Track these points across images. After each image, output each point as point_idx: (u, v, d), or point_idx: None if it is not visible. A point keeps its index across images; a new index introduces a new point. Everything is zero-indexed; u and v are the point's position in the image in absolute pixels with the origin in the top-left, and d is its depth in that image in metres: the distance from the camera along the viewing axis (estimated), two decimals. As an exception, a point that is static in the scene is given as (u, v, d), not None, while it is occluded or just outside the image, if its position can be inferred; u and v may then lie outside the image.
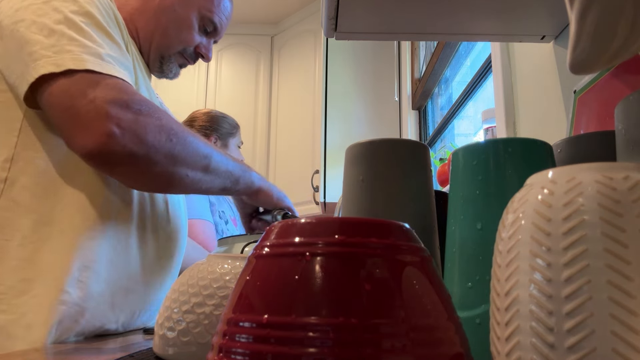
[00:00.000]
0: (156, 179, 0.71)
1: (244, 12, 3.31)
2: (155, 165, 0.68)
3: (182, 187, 0.74)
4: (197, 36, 0.94)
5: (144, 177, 0.70)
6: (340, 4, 0.79)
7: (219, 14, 0.95)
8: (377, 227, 0.26)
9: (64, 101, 0.64)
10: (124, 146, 0.64)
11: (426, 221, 0.50)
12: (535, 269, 0.24)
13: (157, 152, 0.67)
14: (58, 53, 0.65)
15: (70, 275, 0.70)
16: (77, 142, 0.64)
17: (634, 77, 0.66)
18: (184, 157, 0.71)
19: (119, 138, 0.63)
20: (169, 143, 0.68)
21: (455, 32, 0.90)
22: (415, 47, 2.45)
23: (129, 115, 0.65)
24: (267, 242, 0.27)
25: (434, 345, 0.24)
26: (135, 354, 0.49)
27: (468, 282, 0.38)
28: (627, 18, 0.32)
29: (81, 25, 0.69)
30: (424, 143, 0.66)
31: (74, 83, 0.64)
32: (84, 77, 0.65)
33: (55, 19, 0.67)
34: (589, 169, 0.25)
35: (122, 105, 0.64)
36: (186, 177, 0.72)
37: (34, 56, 0.65)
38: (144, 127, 0.66)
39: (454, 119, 1.86)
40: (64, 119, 0.65)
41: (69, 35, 0.67)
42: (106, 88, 0.65)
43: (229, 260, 0.45)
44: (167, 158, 0.68)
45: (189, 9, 0.91)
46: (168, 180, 0.71)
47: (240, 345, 0.24)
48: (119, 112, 0.64)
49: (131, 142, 0.64)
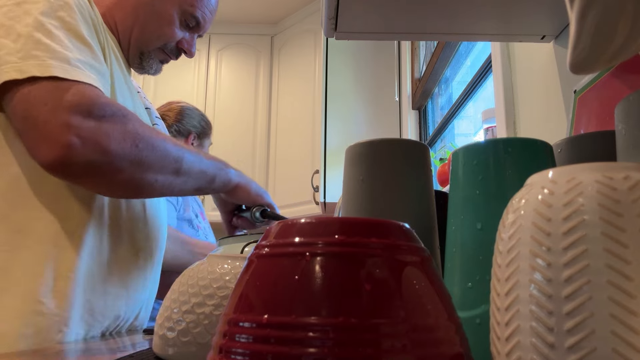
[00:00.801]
0: (124, 186, 0.69)
1: (244, 12, 3.31)
2: (122, 172, 0.66)
3: (153, 191, 0.73)
4: (179, 31, 0.90)
5: (112, 185, 0.69)
6: (340, 4, 0.79)
7: (202, 8, 0.91)
8: (377, 227, 0.26)
9: (25, 109, 0.62)
10: (85, 156, 0.62)
11: (426, 221, 0.50)
12: (536, 269, 0.24)
13: (122, 159, 0.65)
14: (23, 59, 0.63)
15: (45, 285, 0.68)
16: (37, 154, 0.62)
17: (634, 77, 0.66)
18: (152, 162, 0.69)
19: (79, 148, 0.61)
20: (134, 149, 0.66)
21: (455, 32, 0.90)
22: (415, 47, 2.45)
23: (91, 123, 0.63)
24: (267, 242, 0.27)
25: (434, 345, 0.24)
26: (135, 354, 0.49)
27: (468, 282, 0.38)
28: (627, 18, 0.32)
29: (50, 28, 0.66)
30: (424, 143, 0.66)
31: (36, 90, 0.62)
32: (48, 85, 0.63)
33: (24, 22, 0.65)
34: (589, 169, 0.25)
35: (84, 112, 0.62)
36: (156, 182, 0.70)
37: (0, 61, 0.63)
38: (107, 135, 0.64)
39: (454, 119, 1.86)
40: (25, 129, 0.63)
41: (36, 39, 0.64)
42: (69, 95, 0.62)
43: (229, 260, 0.45)
44: (133, 165, 0.66)
45: (168, 3, 0.87)
46: (137, 186, 0.70)
47: (240, 346, 0.24)
48: (79, 121, 0.62)
49: (93, 151, 0.62)
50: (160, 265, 0.93)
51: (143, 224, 0.85)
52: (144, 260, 0.86)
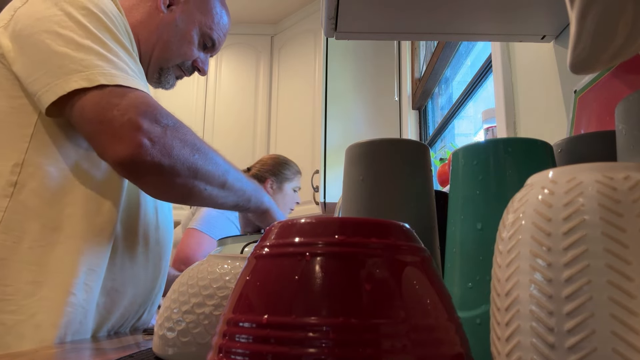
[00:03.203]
0: (177, 190, 0.74)
1: (244, 12, 3.31)
2: (178, 176, 0.71)
3: (200, 199, 0.77)
4: (196, 51, 0.97)
5: (167, 187, 0.73)
6: (340, 4, 0.79)
7: (218, 30, 0.99)
8: (377, 227, 0.26)
9: (98, 114, 0.68)
10: (153, 157, 0.68)
11: (426, 221, 0.50)
12: (536, 269, 0.24)
13: (182, 164, 0.71)
14: (88, 68, 0.68)
15: (78, 279, 0.72)
16: (111, 152, 0.68)
17: (634, 77, 0.66)
18: (204, 172, 0.74)
19: (149, 149, 0.67)
20: (192, 157, 0.72)
21: (455, 32, 0.90)
22: (415, 47, 2.45)
23: (158, 128, 0.69)
24: (267, 242, 0.27)
25: (434, 346, 0.24)
26: (135, 354, 0.49)
27: (468, 282, 0.38)
28: (627, 17, 0.32)
29: (104, 40, 0.72)
30: (424, 143, 0.66)
31: (106, 97, 0.68)
32: (114, 91, 0.68)
33: (80, 33, 0.70)
34: (590, 169, 0.25)
35: (152, 119, 0.69)
36: (204, 190, 0.75)
37: (65, 70, 0.68)
38: (171, 141, 0.70)
39: (454, 119, 1.86)
40: (97, 131, 0.69)
41: (95, 51, 0.70)
42: (136, 102, 0.69)
43: (228, 261, 0.45)
44: (189, 171, 0.72)
45: (190, 24, 0.95)
46: (188, 192, 0.74)
47: (240, 346, 0.24)
48: (149, 126, 0.68)
49: (159, 153, 0.68)
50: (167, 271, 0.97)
51: (154, 228, 0.90)
52: (153, 263, 0.90)
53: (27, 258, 0.70)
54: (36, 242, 0.71)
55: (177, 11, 0.93)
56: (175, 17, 0.93)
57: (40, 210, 0.72)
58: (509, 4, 0.79)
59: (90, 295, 0.75)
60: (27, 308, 0.69)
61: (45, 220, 0.72)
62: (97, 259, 0.76)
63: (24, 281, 0.69)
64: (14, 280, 0.69)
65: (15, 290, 0.69)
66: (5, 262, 0.69)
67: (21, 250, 0.70)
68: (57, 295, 0.70)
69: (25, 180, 0.72)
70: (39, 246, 0.71)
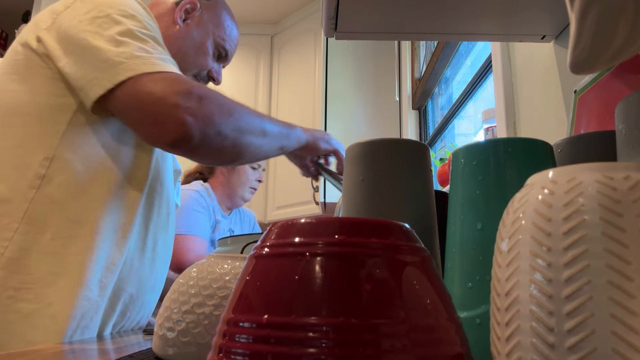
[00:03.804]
0: (230, 151, 0.78)
1: (244, 12, 3.31)
2: (227, 139, 0.76)
3: (251, 154, 0.82)
4: (211, 61, 1.03)
5: (220, 153, 0.78)
6: (340, 4, 0.79)
7: (230, 41, 1.06)
8: (377, 227, 0.26)
9: (140, 101, 0.72)
10: (200, 130, 0.72)
11: (426, 221, 0.50)
12: (536, 269, 0.24)
13: (226, 127, 0.75)
14: (130, 59, 0.73)
15: (94, 274, 0.76)
16: (160, 137, 0.72)
17: (634, 77, 0.66)
18: (246, 127, 0.79)
19: (194, 124, 0.71)
20: (231, 118, 0.77)
21: (455, 32, 0.90)
22: (415, 47, 2.45)
23: (194, 102, 0.73)
24: (267, 242, 0.27)
25: (434, 346, 0.24)
26: (135, 354, 0.49)
27: (468, 282, 0.38)
28: (627, 17, 0.32)
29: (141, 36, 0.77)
30: (424, 143, 0.66)
31: (149, 84, 0.72)
32: (156, 77, 0.73)
33: (118, 30, 0.76)
34: (590, 169, 0.25)
35: (185, 94, 0.72)
36: (252, 144, 0.80)
37: (109, 63, 0.73)
38: (209, 109, 0.74)
39: (454, 118, 1.86)
40: (142, 118, 0.73)
41: (135, 45, 0.75)
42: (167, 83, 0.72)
43: (228, 260, 0.45)
44: (234, 131, 0.77)
45: (204, 36, 1.01)
46: (240, 150, 0.79)
47: (240, 346, 0.24)
48: (185, 101, 0.72)
49: (205, 124, 0.73)
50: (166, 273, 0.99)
51: (164, 230, 0.93)
52: (159, 265, 0.92)
53: (48, 249, 0.73)
54: (58, 234, 0.74)
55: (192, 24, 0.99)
56: (190, 29, 0.99)
57: (64, 203, 0.75)
58: (509, 4, 0.79)
59: (103, 292, 0.78)
60: (44, 297, 0.71)
61: (68, 214, 0.75)
62: (114, 257, 0.79)
63: (43, 271, 0.72)
64: (34, 269, 0.72)
65: (34, 279, 0.71)
66: (26, 252, 0.72)
67: (43, 241, 0.73)
68: (74, 287, 0.73)
69: (53, 174, 0.75)
70: (61, 238, 0.74)
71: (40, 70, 0.78)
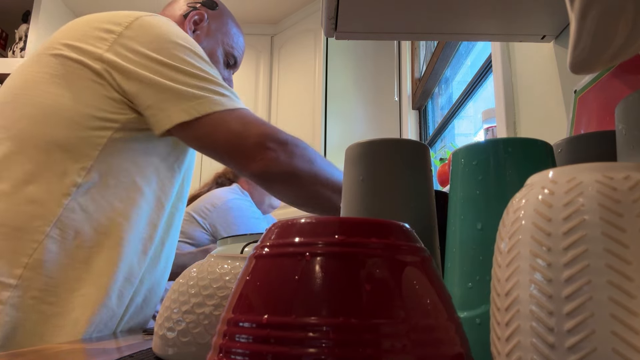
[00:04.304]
0: (303, 194, 0.84)
1: (244, 12, 3.31)
2: (301, 182, 0.82)
3: (323, 205, 0.86)
4: (222, 69, 1.08)
5: (294, 193, 0.84)
6: (340, 4, 0.79)
7: (238, 49, 1.10)
8: (377, 227, 0.26)
9: (229, 133, 0.79)
10: (280, 169, 0.79)
11: (426, 221, 0.49)
12: (536, 269, 0.24)
13: (303, 172, 0.82)
14: (211, 94, 0.79)
15: (115, 284, 0.80)
16: (247, 168, 0.80)
17: (634, 77, 0.66)
18: (323, 178, 0.84)
19: (275, 164, 0.79)
20: (310, 165, 0.83)
21: (455, 32, 0.90)
22: (415, 47, 2.45)
23: (280, 145, 0.80)
24: (267, 242, 0.27)
25: (434, 346, 0.24)
26: (135, 354, 0.49)
27: (468, 282, 0.38)
28: (627, 17, 0.32)
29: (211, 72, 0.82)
30: (424, 143, 0.66)
31: (234, 120, 0.79)
32: (238, 115, 0.80)
33: (191, 63, 0.81)
34: (590, 169, 0.25)
35: (274, 137, 0.80)
36: (323, 195, 0.85)
37: (188, 95, 0.78)
38: (292, 154, 0.81)
39: (454, 118, 1.86)
40: (233, 149, 0.80)
41: (210, 80, 0.81)
42: (257, 124, 0.80)
43: (228, 260, 0.45)
44: (310, 177, 0.83)
45: (215, 45, 1.05)
46: (313, 196, 0.84)
47: (240, 346, 0.24)
48: (272, 144, 0.80)
49: (285, 165, 0.80)
50: None
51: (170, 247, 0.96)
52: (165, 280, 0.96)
53: (75, 256, 0.76)
54: (85, 243, 0.77)
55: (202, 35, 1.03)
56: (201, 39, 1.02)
57: (93, 214, 0.78)
58: (509, 4, 0.79)
59: (120, 302, 0.82)
60: (67, 302, 0.74)
61: (96, 225, 0.78)
62: (135, 269, 0.83)
63: (68, 276, 0.75)
64: (59, 273, 0.74)
65: (58, 283, 0.74)
66: (55, 255, 0.74)
67: (70, 247, 0.76)
68: (96, 294, 0.77)
69: (87, 185, 0.78)
70: (88, 247, 0.77)
71: (90, 84, 0.79)
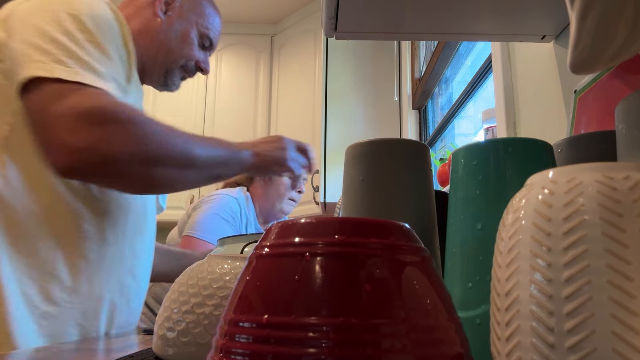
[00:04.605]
0: (136, 182, 0.74)
1: (244, 12, 3.31)
2: (131, 169, 0.70)
3: (165, 186, 0.78)
4: (197, 51, 1.01)
5: (124, 183, 0.74)
6: (340, 4, 0.79)
7: (213, 30, 1.04)
8: (377, 227, 0.26)
9: (38, 111, 0.67)
10: (88, 161, 0.66)
11: (426, 221, 0.50)
12: (536, 269, 0.24)
13: (131, 156, 0.68)
14: (54, 62, 0.67)
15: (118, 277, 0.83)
16: (48, 158, 0.68)
17: (634, 77, 0.66)
18: (160, 158, 0.72)
19: (82, 154, 0.65)
20: (142, 147, 0.69)
21: (455, 32, 0.90)
22: (415, 47, 2.45)
23: (96, 129, 0.66)
24: (267, 242, 0.27)
25: (434, 346, 0.24)
26: (134, 354, 0.49)
27: (468, 282, 0.38)
28: (627, 17, 0.32)
29: (81, 40, 0.71)
30: (424, 143, 0.66)
31: (54, 92, 0.66)
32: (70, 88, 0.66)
33: (58, 29, 0.70)
34: (590, 169, 0.25)
35: (91, 119, 0.66)
36: (166, 176, 0.74)
37: (28, 58, 0.67)
38: (109, 140, 0.67)
39: (454, 118, 1.85)
40: (38, 129, 0.68)
41: (67, 47, 0.69)
42: (82, 98, 0.66)
43: (228, 260, 0.45)
44: (142, 161, 0.70)
45: (188, 26, 0.99)
46: (149, 181, 0.74)
47: (240, 346, 0.24)
48: (90, 124, 0.65)
49: (95, 156, 0.66)
50: None
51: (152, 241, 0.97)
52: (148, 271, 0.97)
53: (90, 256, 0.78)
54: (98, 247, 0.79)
55: (173, 16, 0.97)
56: (173, 21, 0.97)
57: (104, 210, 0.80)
58: (509, 4, 0.79)
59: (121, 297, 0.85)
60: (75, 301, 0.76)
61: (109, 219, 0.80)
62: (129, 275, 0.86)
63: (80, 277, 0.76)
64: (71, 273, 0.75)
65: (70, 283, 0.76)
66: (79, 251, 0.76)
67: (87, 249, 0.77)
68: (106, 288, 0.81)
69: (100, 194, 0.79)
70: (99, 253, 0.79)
71: None
